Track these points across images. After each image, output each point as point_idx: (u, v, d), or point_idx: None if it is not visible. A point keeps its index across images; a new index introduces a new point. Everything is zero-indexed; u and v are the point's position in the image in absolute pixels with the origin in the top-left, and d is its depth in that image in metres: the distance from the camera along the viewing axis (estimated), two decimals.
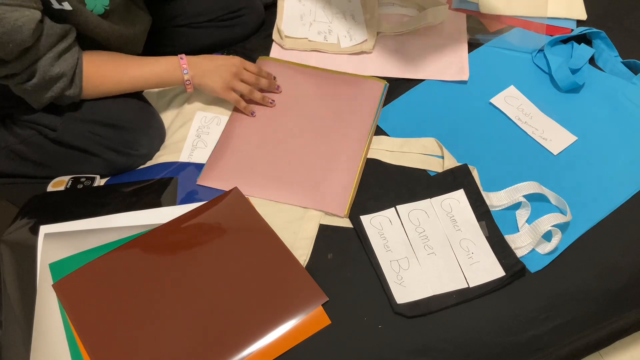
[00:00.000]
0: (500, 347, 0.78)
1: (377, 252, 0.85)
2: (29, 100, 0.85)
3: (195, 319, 0.77)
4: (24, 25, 0.73)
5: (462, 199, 0.89)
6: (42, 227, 0.86)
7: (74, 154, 0.93)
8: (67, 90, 0.84)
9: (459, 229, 0.86)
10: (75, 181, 0.95)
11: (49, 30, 0.78)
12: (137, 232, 0.84)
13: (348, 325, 0.78)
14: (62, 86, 0.83)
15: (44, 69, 0.80)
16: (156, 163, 0.98)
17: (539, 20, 1.15)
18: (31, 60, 0.78)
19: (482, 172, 0.93)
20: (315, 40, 1.14)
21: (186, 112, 1.04)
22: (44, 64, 0.80)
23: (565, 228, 0.86)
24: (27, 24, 0.73)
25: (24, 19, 0.73)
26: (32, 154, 0.93)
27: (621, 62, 1.08)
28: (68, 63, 0.83)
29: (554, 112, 1.02)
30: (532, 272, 0.83)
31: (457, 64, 1.10)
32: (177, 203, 0.91)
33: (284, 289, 0.80)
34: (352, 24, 1.16)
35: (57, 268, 0.81)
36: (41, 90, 0.83)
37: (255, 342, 0.75)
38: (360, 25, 1.15)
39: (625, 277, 0.83)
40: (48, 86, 0.83)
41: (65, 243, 0.84)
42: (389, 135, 1.00)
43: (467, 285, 0.81)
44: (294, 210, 0.90)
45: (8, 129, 0.93)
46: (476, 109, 1.04)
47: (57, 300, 0.79)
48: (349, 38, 1.13)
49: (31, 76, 0.80)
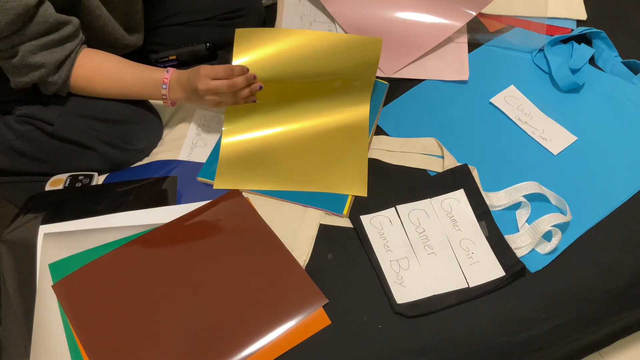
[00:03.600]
0: (500, 347, 0.78)
1: (377, 252, 0.84)
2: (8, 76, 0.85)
3: (195, 320, 0.77)
4: (12, 8, 0.74)
5: (462, 199, 0.89)
6: (41, 227, 0.86)
7: (72, 149, 0.93)
8: (48, 78, 0.84)
9: (459, 229, 0.86)
10: (73, 179, 0.95)
11: (40, 19, 0.78)
12: (137, 232, 0.84)
13: (348, 325, 0.78)
14: (40, 75, 0.83)
15: (23, 54, 0.80)
16: (155, 160, 0.98)
17: (539, 20, 1.15)
18: (14, 42, 0.79)
19: (482, 172, 0.93)
20: None
21: (185, 109, 1.04)
22: (25, 49, 0.80)
23: (565, 228, 0.86)
24: (16, 8, 0.74)
25: (14, 3, 0.74)
26: (30, 149, 0.93)
27: (621, 62, 1.08)
28: (54, 56, 0.82)
29: (554, 112, 1.02)
30: (532, 272, 0.83)
31: (457, 64, 1.10)
32: (177, 202, 0.91)
33: (283, 291, 0.80)
34: None
35: (56, 268, 0.81)
36: (18, 73, 0.83)
37: (255, 343, 0.75)
38: None
39: (625, 277, 0.83)
40: (24, 72, 0.83)
41: (65, 243, 0.84)
42: (389, 135, 1.00)
43: (467, 285, 0.81)
44: (294, 210, 0.90)
45: (6, 126, 0.93)
46: (476, 108, 1.04)
47: (57, 300, 0.79)
48: None
49: (12, 56, 0.81)
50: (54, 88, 0.86)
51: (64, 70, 0.84)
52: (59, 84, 0.85)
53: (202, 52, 1.10)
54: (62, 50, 0.83)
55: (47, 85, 0.86)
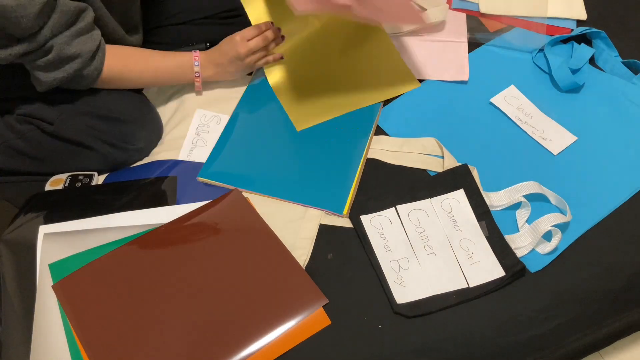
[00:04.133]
0: (500, 347, 0.78)
1: (377, 252, 0.84)
2: (37, 79, 0.83)
3: (195, 320, 0.77)
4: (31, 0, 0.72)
5: (462, 199, 0.89)
6: (41, 227, 0.86)
7: (72, 149, 0.93)
8: (84, 70, 0.84)
9: (459, 229, 0.86)
10: (73, 179, 0.95)
11: (62, 7, 0.77)
12: (137, 232, 0.84)
13: (348, 325, 0.78)
14: (76, 67, 0.83)
15: (59, 47, 0.79)
16: (155, 160, 0.98)
17: (539, 20, 1.15)
18: (46, 36, 0.78)
19: (482, 172, 0.93)
20: None
21: (185, 108, 1.04)
22: (59, 41, 0.79)
23: (565, 228, 0.86)
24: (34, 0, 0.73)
25: None
26: (29, 149, 0.93)
27: (621, 62, 1.08)
28: (87, 46, 0.82)
29: (554, 112, 1.02)
30: (532, 272, 0.83)
31: (457, 64, 1.10)
32: (177, 202, 0.91)
33: (283, 291, 0.80)
34: None
35: (56, 268, 0.81)
36: (51, 69, 0.82)
37: (255, 343, 0.75)
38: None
39: (625, 277, 0.83)
40: (60, 66, 0.82)
41: (65, 243, 0.84)
42: (389, 135, 1.00)
43: (467, 285, 0.81)
44: (294, 210, 0.90)
45: (6, 125, 0.93)
46: (476, 109, 1.04)
47: (57, 300, 0.79)
48: None
49: (47, 53, 0.79)
50: (87, 82, 0.86)
51: (98, 59, 0.85)
52: (94, 76, 0.86)
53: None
54: (92, 39, 0.83)
55: (81, 80, 0.86)
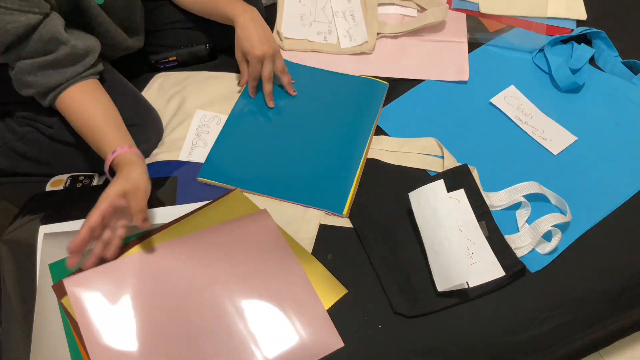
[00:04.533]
0: (500, 347, 0.78)
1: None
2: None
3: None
4: (11, 30, 0.74)
5: (462, 199, 0.89)
6: (41, 227, 0.86)
7: (72, 151, 0.93)
8: (37, 98, 0.84)
9: (459, 229, 0.86)
10: (74, 180, 0.95)
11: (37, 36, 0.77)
12: (137, 232, 0.84)
13: (348, 325, 0.78)
14: (31, 94, 0.83)
15: (18, 72, 0.80)
16: (155, 161, 0.98)
17: (539, 20, 1.15)
18: (12, 58, 0.79)
19: (482, 172, 0.93)
20: (315, 40, 1.14)
21: (185, 110, 1.04)
22: (20, 66, 0.79)
23: (565, 228, 0.86)
24: (15, 30, 0.74)
25: (15, 24, 0.74)
26: (30, 151, 0.93)
27: (621, 62, 1.08)
28: (48, 80, 0.81)
29: (554, 112, 1.02)
30: (532, 272, 0.83)
31: (457, 64, 1.10)
32: (177, 203, 0.91)
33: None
34: (352, 24, 1.16)
35: (56, 268, 0.81)
36: (15, 85, 0.83)
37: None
38: (360, 26, 1.15)
39: (625, 277, 0.83)
40: (19, 86, 0.83)
41: (65, 243, 0.84)
42: (389, 135, 1.00)
43: (467, 285, 0.80)
44: (294, 210, 0.90)
45: (6, 127, 0.93)
46: (476, 109, 1.04)
47: (57, 300, 0.79)
48: (349, 38, 1.13)
49: (12, 69, 0.81)
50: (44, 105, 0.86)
51: (50, 97, 0.83)
52: (46, 105, 0.85)
53: (202, 52, 1.10)
54: (59, 74, 0.82)
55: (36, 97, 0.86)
